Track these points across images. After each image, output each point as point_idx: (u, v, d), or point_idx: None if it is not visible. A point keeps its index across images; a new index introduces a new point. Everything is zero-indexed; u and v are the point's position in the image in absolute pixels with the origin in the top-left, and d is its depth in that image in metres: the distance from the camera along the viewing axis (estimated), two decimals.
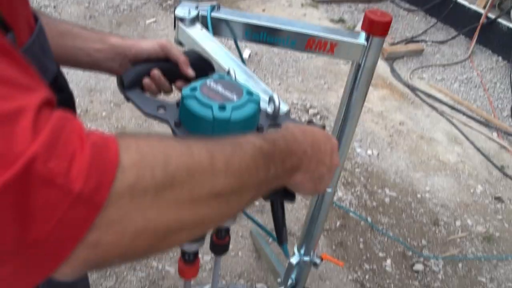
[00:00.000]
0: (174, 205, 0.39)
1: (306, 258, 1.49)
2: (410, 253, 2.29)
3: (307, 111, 3.06)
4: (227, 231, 0.89)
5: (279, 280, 1.69)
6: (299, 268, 1.54)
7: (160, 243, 0.40)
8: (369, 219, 2.42)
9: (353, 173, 2.69)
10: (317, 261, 1.48)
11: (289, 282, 1.58)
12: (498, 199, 2.67)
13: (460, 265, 2.29)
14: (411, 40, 4.11)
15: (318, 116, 3.02)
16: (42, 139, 0.32)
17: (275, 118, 0.67)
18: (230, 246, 2.05)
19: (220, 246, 0.91)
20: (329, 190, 1.34)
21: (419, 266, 2.22)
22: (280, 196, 0.64)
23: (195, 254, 0.82)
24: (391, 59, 3.77)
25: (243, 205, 0.49)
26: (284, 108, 0.68)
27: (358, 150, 2.86)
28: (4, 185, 0.30)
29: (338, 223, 2.37)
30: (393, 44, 3.96)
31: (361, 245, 2.29)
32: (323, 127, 0.64)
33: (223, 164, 0.43)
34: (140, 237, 0.37)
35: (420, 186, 2.71)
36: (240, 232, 2.24)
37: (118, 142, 0.36)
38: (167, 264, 2.05)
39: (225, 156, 0.44)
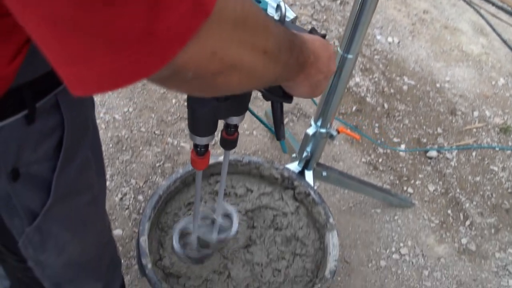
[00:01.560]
0: (241, 44, 0.41)
1: (323, 130, 1.47)
2: (424, 140, 2.28)
3: None
4: (235, 127, 0.94)
5: (293, 155, 1.70)
6: (315, 140, 1.53)
7: (219, 75, 0.42)
8: (385, 105, 2.39)
9: (371, 60, 2.61)
10: (334, 133, 1.47)
11: (304, 154, 1.58)
12: None
13: (473, 153, 2.29)
14: None
15: (338, 1, 2.88)
16: None
17: (281, 25, 0.66)
18: (245, 125, 2.04)
19: (229, 141, 0.97)
20: (350, 56, 1.29)
21: (433, 153, 2.22)
22: (279, 97, 0.70)
23: (206, 147, 0.90)
24: None
25: (272, 77, 0.52)
26: (290, 15, 0.71)
27: (378, 37, 2.75)
28: None
29: (354, 108, 2.34)
30: None
31: (376, 130, 2.28)
32: (324, 36, 0.67)
33: (274, 27, 0.47)
34: (212, 59, 0.39)
35: (440, 76, 2.63)
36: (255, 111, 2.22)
37: None
38: (182, 140, 2.07)
39: (273, 23, 0.47)
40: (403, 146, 2.24)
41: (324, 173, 1.68)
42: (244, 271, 1.39)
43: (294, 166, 1.63)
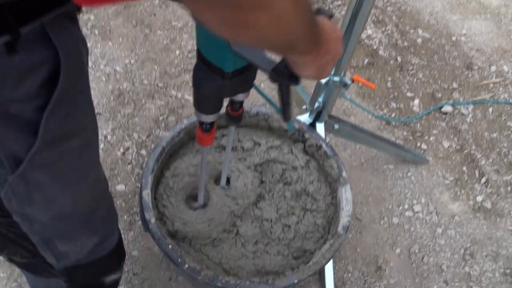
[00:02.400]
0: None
1: (336, 78, 1.38)
2: (439, 95, 2.18)
3: None
4: (241, 103, 0.94)
5: (304, 107, 1.61)
6: (328, 90, 1.44)
7: (249, 11, 0.42)
8: (398, 58, 2.28)
9: (384, 12, 2.48)
10: (348, 81, 1.37)
11: (316, 105, 1.49)
12: None
13: (490, 109, 2.19)
14: None
15: None
16: None
17: None
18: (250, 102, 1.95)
19: (234, 117, 0.98)
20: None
21: (448, 108, 2.13)
22: (286, 79, 0.70)
23: (212, 124, 0.93)
24: None
25: (296, 33, 0.51)
26: None
27: None
28: None
29: (366, 61, 2.23)
30: None
31: (389, 84, 2.18)
32: (331, 16, 0.66)
33: None
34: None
35: (456, 29, 2.51)
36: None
37: None
38: (187, 93, 1.98)
39: None
40: (416, 101, 2.15)
41: (336, 126, 1.59)
42: (253, 228, 1.32)
43: (304, 118, 1.55)
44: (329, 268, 1.51)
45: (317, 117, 1.54)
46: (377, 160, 1.90)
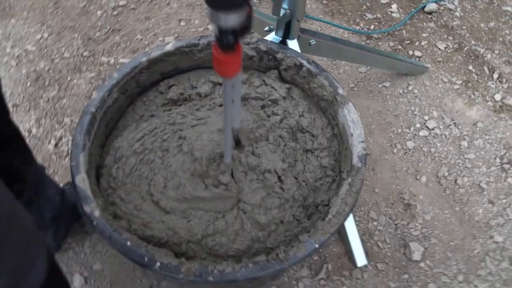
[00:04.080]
0: None
1: None
2: None
3: None
4: None
5: (266, 28, 1.25)
6: None
7: None
8: None
9: None
10: None
11: (282, 13, 1.12)
12: None
13: None
14: None
15: None
16: None
17: None
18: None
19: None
20: None
21: (432, 6, 1.79)
22: None
23: (235, 34, 0.61)
24: None
25: None
26: None
27: None
28: None
29: None
30: None
31: None
32: None
33: None
34: None
35: None
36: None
37: None
38: (120, 56, 1.58)
39: None
40: (394, 7, 1.80)
41: (313, 41, 1.23)
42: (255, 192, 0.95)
43: (271, 38, 1.18)
44: (349, 221, 1.18)
45: (286, 34, 1.17)
46: (369, 81, 1.55)
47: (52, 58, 1.58)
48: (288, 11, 1.11)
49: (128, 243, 0.80)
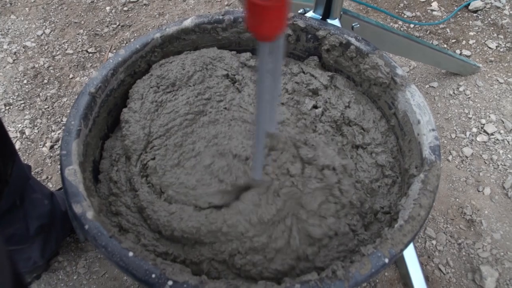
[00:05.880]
0: None
1: None
2: None
3: None
4: None
5: (301, 10, 1.06)
6: None
7: None
8: None
9: None
10: None
11: None
12: None
13: None
14: None
15: None
16: None
17: None
18: None
19: None
20: None
21: (477, 3, 1.60)
22: None
23: None
24: None
25: None
26: None
27: None
28: None
29: None
30: None
31: None
32: None
33: None
34: None
35: None
36: (226, 1, 1.57)
37: None
38: None
39: None
40: (435, 4, 1.62)
41: (356, 25, 1.04)
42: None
43: (310, 15, 0.99)
44: None
45: (326, 13, 0.98)
46: (414, 81, 1.35)
47: (53, 55, 1.40)
48: None
49: (130, 254, 0.59)
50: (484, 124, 1.24)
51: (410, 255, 0.95)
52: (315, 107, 0.88)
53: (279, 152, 0.72)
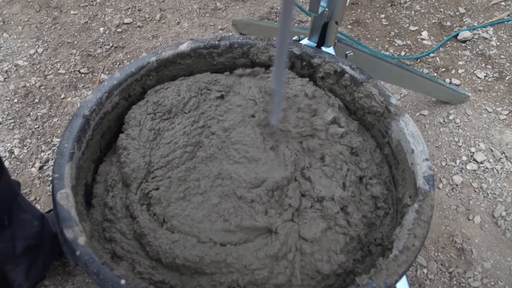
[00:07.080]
0: None
1: None
2: (448, 23, 1.69)
3: None
4: None
5: (295, 37, 1.08)
6: None
7: None
8: None
9: None
10: None
11: (320, 10, 0.95)
12: None
13: None
14: None
15: None
16: None
17: None
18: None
19: None
20: None
21: (465, 34, 1.63)
22: None
23: None
24: None
25: None
26: None
27: None
28: None
29: (348, 1, 1.72)
30: None
31: (384, 21, 1.68)
32: None
33: None
34: None
35: None
36: (219, 25, 1.59)
37: None
38: None
39: None
40: (425, 34, 1.65)
41: (350, 53, 1.05)
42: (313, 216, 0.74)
43: (305, 43, 1.00)
44: None
45: (321, 40, 1.00)
46: (404, 109, 1.37)
47: (45, 74, 1.40)
48: (326, 9, 0.93)
49: (123, 281, 0.58)
50: (473, 153, 1.25)
51: (401, 284, 0.94)
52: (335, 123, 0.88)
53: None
